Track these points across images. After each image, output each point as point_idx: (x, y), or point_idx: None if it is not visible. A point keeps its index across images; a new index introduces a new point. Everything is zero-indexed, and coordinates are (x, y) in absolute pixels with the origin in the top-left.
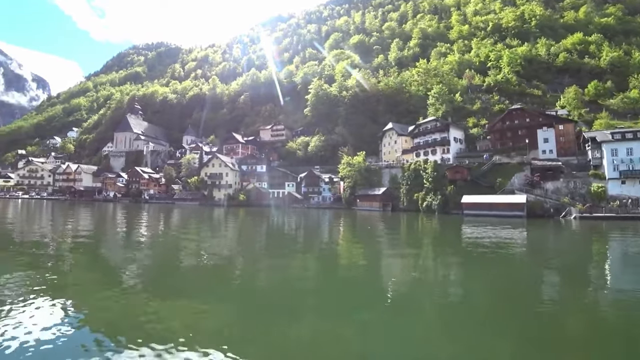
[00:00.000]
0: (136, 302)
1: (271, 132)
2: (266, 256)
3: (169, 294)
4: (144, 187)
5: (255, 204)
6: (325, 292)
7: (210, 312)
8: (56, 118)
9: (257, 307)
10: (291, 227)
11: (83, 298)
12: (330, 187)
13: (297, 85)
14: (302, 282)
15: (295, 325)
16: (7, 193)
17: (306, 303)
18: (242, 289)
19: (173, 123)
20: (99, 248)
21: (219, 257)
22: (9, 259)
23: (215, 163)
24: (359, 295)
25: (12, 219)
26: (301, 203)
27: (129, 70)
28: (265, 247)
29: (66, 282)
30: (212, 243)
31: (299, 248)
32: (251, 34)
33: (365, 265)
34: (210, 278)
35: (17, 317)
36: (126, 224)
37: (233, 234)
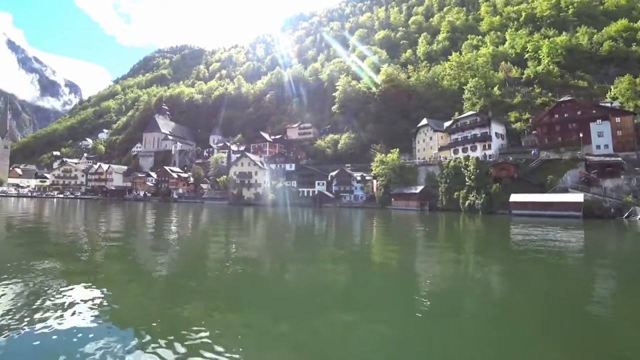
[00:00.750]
0: (164, 298)
1: (298, 130)
2: (295, 256)
3: (197, 291)
4: (173, 187)
5: (285, 202)
6: (354, 297)
7: (235, 310)
8: (88, 120)
9: (283, 307)
10: (322, 227)
11: (113, 292)
12: (362, 185)
13: (324, 82)
14: (331, 285)
15: (322, 329)
16: (44, 193)
17: (335, 307)
18: (269, 288)
19: (199, 123)
20: (130, 245)
21: (248, 256)
22: (47, 254)
23: (244, 162)
24: (391, 302)
25: (49, 217)
26: (333, 202)
27: (155, 73)
28: (294, 247)
29: (98, 277)
30: (241, 242)
31: (330, 249)
32: (273, 33)
33: (402, 268)
34: (238, 276)
35: (51, 308)
36: (156, 222)
37: (262, 233)
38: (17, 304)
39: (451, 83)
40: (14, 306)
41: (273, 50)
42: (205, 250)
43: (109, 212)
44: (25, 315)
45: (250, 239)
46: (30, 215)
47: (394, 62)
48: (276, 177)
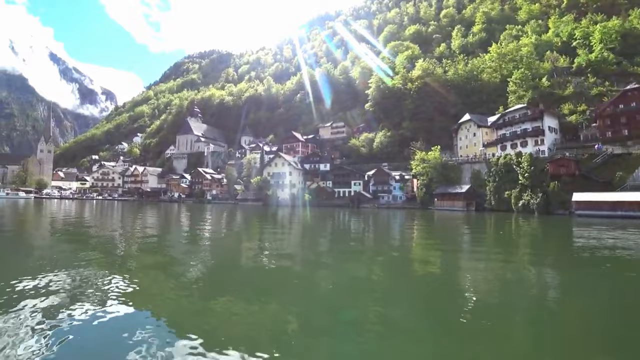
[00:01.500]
0: (196, 297)
1: (331, 129)
2: (330, 258)
3: (229, 290)
4: (206, 188)
5: (321, 203)
6: (391, 303)
7: (267, 311)
8: (123, 125)
9: (315, 308)
10: (360, 229)
11: (148, 286)
12: (401, 185)
13: (355, 80)
14: (365, 289)
15: (355, 336)
16: (84, 194)
17: (370, 312)
18: (302, 290)
19: (230, 124)
20: (167, 243)
21: (281, 256)
22: (88, 251)
23: (277, 162)
24: (430, 312)
25: (90, 218)
26: (370, 202)
27: (185, 78)
28: (330, 249)
29: (134, 271)
30: (275, 243)
31: (368, 252)
32: (300, 33)
33: (445, 275)
34: (271, 277)
35: (89, 301)
36: (191, 223)
37: (297, 234)
38: (59, 294)
39: (492, 76)
40: (55, 297)
41: (301, 50)
42: (239, 249)
43: (146, 213)
44: (65, 306)
45: (285, 239)
46: (72, 216)
47: (428, 57)
48: (311, 177)
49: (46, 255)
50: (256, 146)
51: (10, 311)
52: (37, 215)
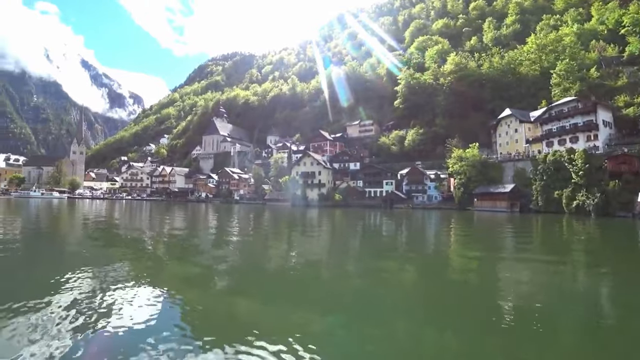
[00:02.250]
0: (221, 296)
1: (359, 127)
2: (360, 262)
3: (254, 292)
4: (233, 188)
5: (352, 203)
6: (422, 312)
7: (294, 313)
8: (150, 127)
9: (342, 312)
10: (393, 231)
11: (174, 285)
12: (436, 184)
13: (382, 77)
14: (397, 298)
15: (390, 343)
16: (114, 194)
17: (399, 322)
18: (328, 294)
19: (255, 124)
20: (195, 244)
21: (309, 259)
22: (116, 251)
23: (306, 161)
24: (465, 323)
25: (120, 217)
26: (404, 203)
27: (209, 80)
28: (360, 252)
29: (161, 271)
30: (304, 244)
31: (401, 255)
32: (322, 32)
33: (486, 284)
34: (296, 279)
35: (115, 302)
36: (219, 223)
37: (327, 236)
38: (87, 292)
39: (531, 68)
40: (84, 294)
41: (325, 48)
42: (267, 250)
43: (174, 213)
44: (92, 303)
45: (314, 241)
46: (103, 215)
47: (458, 51)
48: (340, 176)
49: (79, 252)
50: (283, 145)
51: (43, 304)
52: (70, 214)
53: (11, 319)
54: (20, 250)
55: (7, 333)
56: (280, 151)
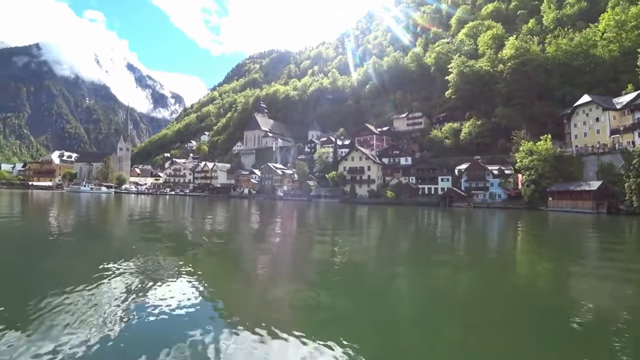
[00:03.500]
0: (260, 292)
1: (407, 120)
2: (410, 265)
3: (292, 289)
4: (277, 184)
5: (403, 201)
6: (479, 330)
7: (335, 315)
8: (191, 125)
9: (388, 315)
10: (453, 231)
11: (214, 280)
12: (501, 181)
13: (430, 67)
14: (450, 309)
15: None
16: (158, 190)
17: (446, 333)
18: (374, 295)
19: (296, 119)
20: (237, 240)
21: (355, 260)
22: (159, 244)
23: (354, 156)
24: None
25: (164, 212)
26: (465, 201)
27: (247, 78)
28: (412, 255)
29: (202, 267)
30: (351, 244)
31: (460, 260)
32: (360, 25)
33: (557, 298)
34: (341, 279)
35: (157, 291)
36: (263, 219)
37: (376, 236)
38: (129, 284)
39: (608, 49)
40: (126, 286)
41: (364, 41)
42: (311, 248)
43: (216, 209)
44: (134, 296)
45: (363, 240)
46: (148, 210)
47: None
48: (390, 172)
49: (125, 244)
50: (327, 140)
51: (87, 293)
52: (117, 209)
53: (61, 303)
54: (74, 240)
55: (57, 316)
56: (325, 146)
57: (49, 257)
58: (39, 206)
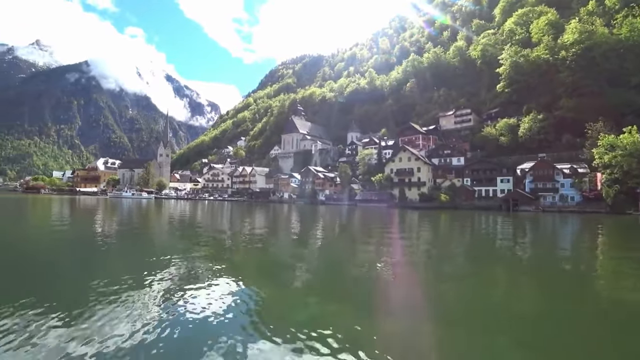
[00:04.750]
0: (293, 296)
1: (454, 118)
2: (465, 274)
3: (332, 299)
4: (318, 188)
5: (459, 205)
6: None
7: (375, 324)
8: (227, 131)
9: (435, 328)
10: (524, 240)
11: (251, 285)
12: (574, 181)
13: (476, 61)
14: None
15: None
16: (197, 195)
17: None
18: (416, 309)
19: (333, 121)
20: (276, 246)
21: (403, 266)
22: (200, 246)
23: (402, 157)
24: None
25: (203, 217)
26: (531, 204)
27: (281, 83)
28: (467, 262)
29: (240, 271)
30: (399, 253)
31: (522, 272)
32: (393, 24)
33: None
34: (384, 289)
35: (191, 297)
36: (305, 225)
37: (427, 241)
38: (167, 287)
39: None
40: (164, 289)
41: (400, 39)
42: (353, 254)
43: (256, 214)
44: (171, 298)
45: (412, 248)
46: (187, 215)
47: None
48: (441, 173)
49: (165, 248)
50: (370, 141)
51: (125, 296)
52: (157, 214)
53: (105, 301)
54: (117, 244)
55: (101, 314)
56: (368, 147)
57: (96, 259)
58: (85, 212)
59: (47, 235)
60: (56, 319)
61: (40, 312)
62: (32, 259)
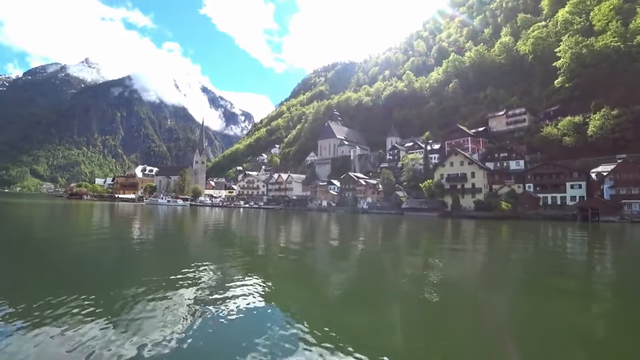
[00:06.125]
0: (331, 305)
1: (506, 118)
2: (542, 306)
3: (368, 309)
4: (360, 195)
5: (524, 214)
6: None
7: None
8: (262, 139)
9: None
10: (616, 264)
11: (283, 292)
12: None
13: (526, 56)
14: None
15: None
16: (232, 202)
17: None
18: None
19: (370, 126)
20: (315, 258)
21: (450, 283)
22: (235, 254)
23: (454, 161)
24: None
25: (238, 226)
26: (614, 214)
27: (314, 91)
28: (536, 284)
29: (273, 279)
30: (447, 265)
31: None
32: (428, 26)
33: None
34: (427, 306)
35: (223, 302)
36: (348, 235)
37: (486, 256)
38: (201, 292)
39: None
40: (198, 294)
41: (436, 40)
42: (397, 268)
43: (293, 223)
44: (204, 303)
45: (464, 264)
46: (222, 223)
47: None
48: (499, 179)
49: (198, 256)
50: (413, 145)
51: (160, 299)
52: (192, 221)
53: (143, 302)
54: (154, 251)
55: (139, 314)
56: (412, 152)
57: (135, 263)
58: (123, 219)
59: (92, 241)
60: (96, 317)
61: (83, 308)
62: (79, 261)
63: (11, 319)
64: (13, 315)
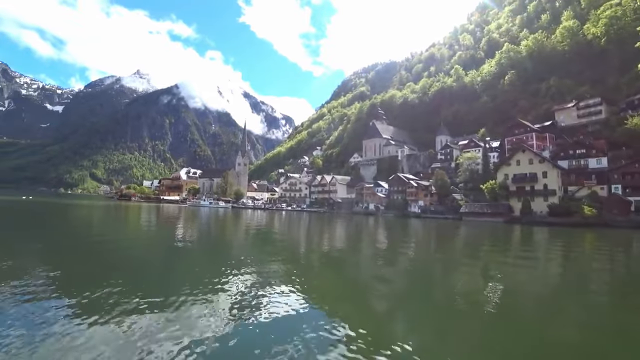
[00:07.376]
0: (373, 312)
1: (577, 111)
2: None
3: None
4: (410, 198)
5: (612, 221)
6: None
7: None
8: (303, 141)
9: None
10: None
11: (320, 295)
12: None
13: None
14: None
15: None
16: (274, 205)
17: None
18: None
19: (416, 125)
20: (363, 266)
21: (515, 299)
22: (275, 257)
23: (521, 159)
24: None
25: (280, 231)
26: None
27: (354, 92)
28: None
29: (313, 289)
30: (514, 281)
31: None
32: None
33: None
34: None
35: (263, 304)
36: (403, 244)
37: (557, 269)
38: (242, 293)
39: None
40: (239, 295)
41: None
42: (449, 279)
43: (338, 228)
44: (246, 302)
45: (532, 280)
46: (264, 229)
47: None
48: (575, 179)
49: (239, 260)
50: (468, 143)
51: (203, 299)
52: (235, 225)
53: (187, 301)
54: (198, 251)
55: (182, 311)
56: (468, 150)
57: (179, 263)
58: (169, 220)
59: (141, 240)
60: (141, 313)
61: (130, 303)
62: (128, 260)
63: (72, 314)
64: (74, 308)
